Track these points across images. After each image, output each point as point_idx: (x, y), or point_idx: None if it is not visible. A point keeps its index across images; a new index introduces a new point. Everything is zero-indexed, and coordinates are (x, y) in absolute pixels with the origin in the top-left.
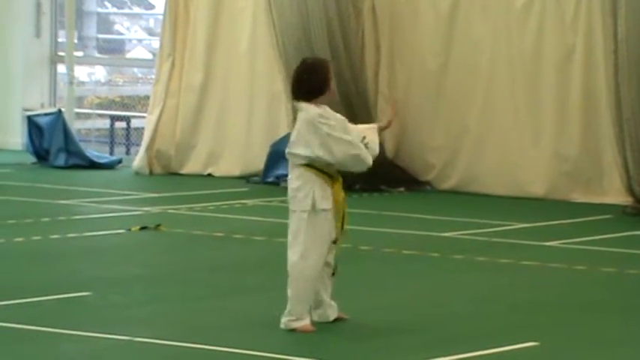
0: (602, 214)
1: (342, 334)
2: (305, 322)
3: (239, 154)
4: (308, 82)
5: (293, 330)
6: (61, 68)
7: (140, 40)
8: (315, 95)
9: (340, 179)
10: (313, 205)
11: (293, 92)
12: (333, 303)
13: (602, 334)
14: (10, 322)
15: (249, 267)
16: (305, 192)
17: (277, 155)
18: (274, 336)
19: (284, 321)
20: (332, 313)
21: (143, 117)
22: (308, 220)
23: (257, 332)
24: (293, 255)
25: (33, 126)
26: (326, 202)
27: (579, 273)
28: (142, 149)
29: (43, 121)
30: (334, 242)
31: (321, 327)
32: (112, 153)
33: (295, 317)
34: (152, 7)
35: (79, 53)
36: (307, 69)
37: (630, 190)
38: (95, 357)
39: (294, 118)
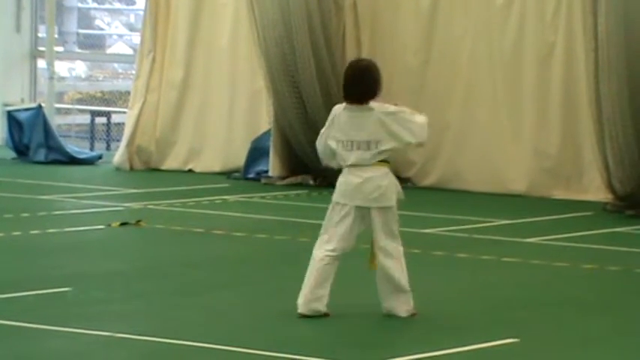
0: (583, 211)
1: (324, 330)
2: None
3: (220, 150)
4: (378, 82)
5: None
6: (42, 63)
7: (121, 36)
8: (380, 93)
9: None
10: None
11: (363, 94)
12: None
13: (583, 331)
14: None
15: (229, 263)
16: (392, 188)
17: (258, 151)
18: (255, 331)
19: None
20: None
21: (124, 112)
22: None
23: (237, 328)
24: (399, 245)
25: (13, 121)
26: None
27: (560, 269)
28: (122, 145)
29: (23, 117)
30: None
31: (304, 323)
32: (92, 148)
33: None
34: (133, 2)
35: (60, 48)
36: (374, 69)
37: (610, 187)
38: (76, 353)
39: (275, 116)
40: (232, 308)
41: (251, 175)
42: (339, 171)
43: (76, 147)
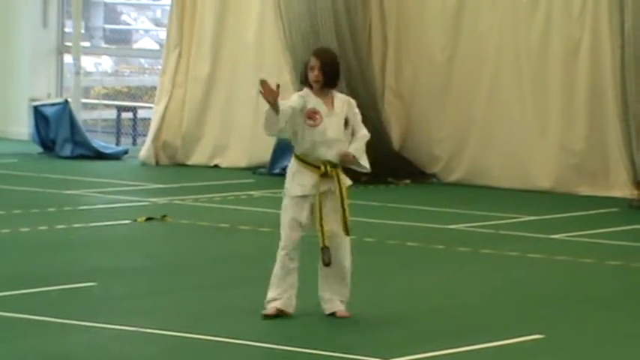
0: (609, 208)
1: (347, 325)
2: (269, 305)
3: (245, 146)
4: (339, 70)
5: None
6: (68, 58)
7: (147, 31)
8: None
9: None
10: None
11: (334, 80)
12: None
13: (608, 327)
14: (15, 312)
15: (254, 258)
16: None
17: (284, 147)
18: (279, 327)
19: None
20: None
21: (150, 108)
22: None
23: (260, 323)
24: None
25: (39, 116)
26: None
27: (585, 266)
28: (148, 140)
29: (49, 112)
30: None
31: (327, 318)
32: (118, 143)
33: (266, 299)
34: None
35: (86, 43)
36: (336, 57)
37: (636, 184)
38: (101, 347)
39: None
40: (256, 303)
41: (277, 171)
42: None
43: (102, 142)
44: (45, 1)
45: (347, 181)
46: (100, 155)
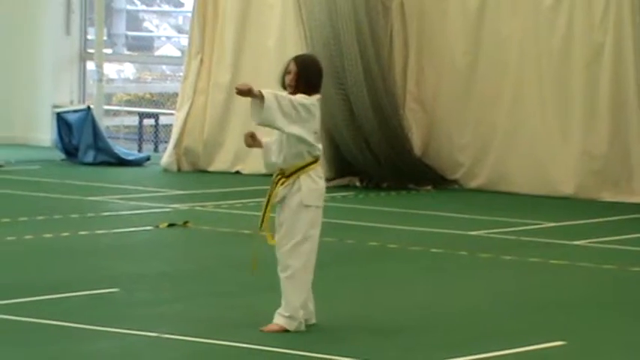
0: (631, 214)
1: (368, 331)
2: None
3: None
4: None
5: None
6: (91, 65)
7: (169, 38)
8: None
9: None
10: None
11: (308, 86)
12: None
13: (630, 335)
14: (38, 318)
15: (275, 265)
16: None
17: None
18: (301, 333)
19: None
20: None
21: (171, 114)
22: None
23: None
24: None
25: (62, 123)
26: None
27: (608, 272)
28: (170, 146)
29: (72, 118)
30: None
31: (351, 324)
32: (140, 150)
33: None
34: (181, 4)
35: (108, 50)
36: (316, 64)
37: None
38: (124, 353)
39: (322, 117)
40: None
41: None
42: (388, 173)
43: (124, 148)
44: (68, 8)
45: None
46: (122, 162)
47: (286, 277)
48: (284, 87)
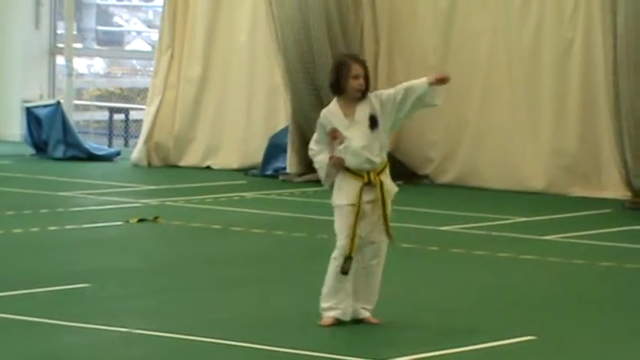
0: (601, 209)
1: (340, 327)
2: (326, 314)
3: (238, 147)
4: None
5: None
6: (60, 60)
7: (139, 33)
8: (333, 93)
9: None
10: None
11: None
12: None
13: (600, 329)
14: (8, 314)
15: (247, 260)
16: None
17: (276, 148)
18: (272, 328)
19: None
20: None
21: (142, 109)
22: None
23: (254, 325)
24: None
25: (32, 117)
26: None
27: (578, 267)
28: (140, 141)
29: (41, 113)
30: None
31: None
32: (110, 145)
33: (321, 306)
34: None
35: (78, 45)
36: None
37: (629, 185)
38: (94, 349)
39: (293, 113)
40: (249, 305)
41: (269, 172)
42: None
43: (95, 143)
44: (37, 2)
45: (392, 189)
46: (92, 157)
47: (378, 265)
48: (338, 91)
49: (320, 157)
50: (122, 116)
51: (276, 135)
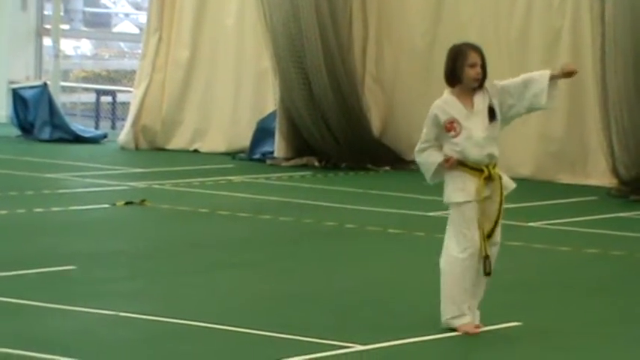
0: (587, 196)
1: (325, 311)
2: (461, 321)
3: (225, 131)
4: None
5: (454, 329)
6: (47, 41)
7: (127, 15)
8: (448, 83)
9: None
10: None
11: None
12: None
13: (585, 315)
14: None
15: (233, 243)
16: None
17: (264, 132)
18: (258, 312)
19: (442, 320)
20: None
21: (129, 92)
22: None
23: (241, 308)
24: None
25: (18, 99)
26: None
27: (563, 254)
28: (127, 124)
29: (28, 94)
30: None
31: (306, 304)
32: (97, 127)
33: (449, 316)
34: None
35: (65, 26)
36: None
37: (615, 172)
38: (80, 331)
39: (281, 97)
40: (235, 288)
41: (256, 156)
42: (347, 153)
43: (81, 125)
44: None
45: (510, 185)
46: (78, 139)
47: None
48: (453, 81)
49: (426, 156)
50: (109, 98)
51: (264, 119)
